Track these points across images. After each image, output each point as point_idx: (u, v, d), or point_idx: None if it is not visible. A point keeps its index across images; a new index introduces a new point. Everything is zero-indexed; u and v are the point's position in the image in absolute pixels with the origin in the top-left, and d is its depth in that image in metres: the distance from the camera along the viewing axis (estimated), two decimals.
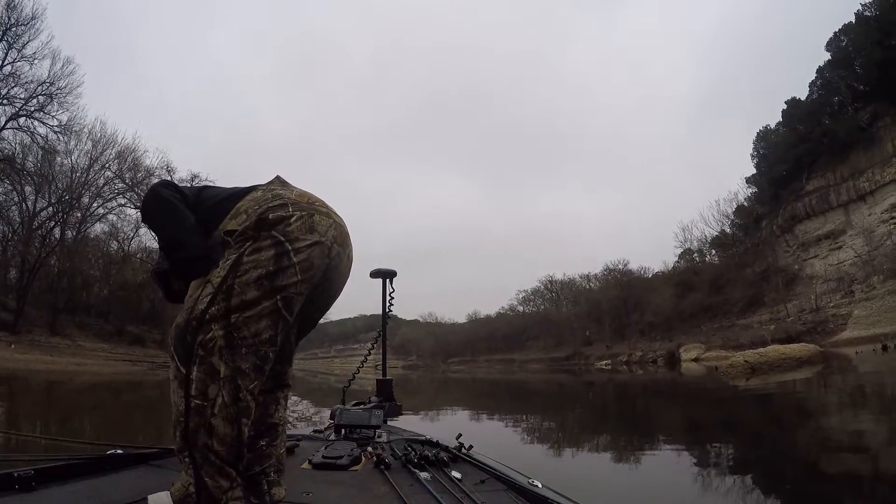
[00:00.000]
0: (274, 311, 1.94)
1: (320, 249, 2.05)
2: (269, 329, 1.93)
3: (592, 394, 19.23)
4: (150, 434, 8.80)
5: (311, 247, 2.02)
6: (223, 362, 1.85)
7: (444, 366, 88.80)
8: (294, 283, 1.98)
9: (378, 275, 4.34)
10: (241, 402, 1.87)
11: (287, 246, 1.98)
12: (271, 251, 1.96)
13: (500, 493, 2.35)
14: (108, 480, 2.36)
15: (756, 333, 43.98)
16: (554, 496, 2.28)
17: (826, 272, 51.97)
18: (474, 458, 2.89)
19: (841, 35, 54.89)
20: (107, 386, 19.95)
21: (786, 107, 62.54)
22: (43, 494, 2.10)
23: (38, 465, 2.34)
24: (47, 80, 37.24)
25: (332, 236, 2.10)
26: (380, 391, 4.18)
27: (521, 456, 5.99)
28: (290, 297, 1.98)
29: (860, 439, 6.78)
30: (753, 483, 4.89)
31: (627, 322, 70.55)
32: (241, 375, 1.87)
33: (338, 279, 2.23)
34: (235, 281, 1.91)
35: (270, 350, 1.95)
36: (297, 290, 2.00)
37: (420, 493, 2.29)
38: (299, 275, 1.98)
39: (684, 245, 72.26)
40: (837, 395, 12.40)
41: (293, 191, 2.21)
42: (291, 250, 1.98)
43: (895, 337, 31.02)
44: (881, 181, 48.71)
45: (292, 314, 2.02)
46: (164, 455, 2.77)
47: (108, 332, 43.79)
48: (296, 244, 1.99)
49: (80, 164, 42.46)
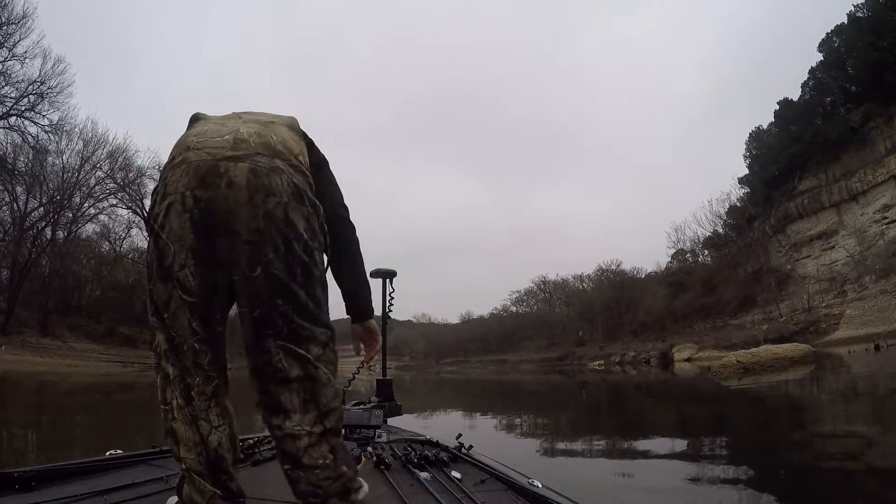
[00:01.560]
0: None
1: (175, 212, 1.70)
2: (183, 317, 1.75)
3: (586, 393, 19.27)
4: (145, 435, 8.77)
5: (167, 215, 1.70)
6: (170, 364, 1.77)
7: (437, 366, 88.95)
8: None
9: (378, 275, 4.32)
10: (194, 402, 1.78)
11: (154, 226, 1.74)
12: (150, 237, 1.78)
13: (500, 493, 2.34)
14: (107, 480, 2.35)
15: (749, 333, 44.21)
16: (554, 496, 2.26)
17: (818, 272, 52.25)
18: (474, 458, 2.88)
19: (833, 36, 55.35)
20: (98, 387, 19.86)
21: (778, 107, 62.96)
22: (43, 494, 2.09)
23: (39, 465, 2.32)
24: (38, 79, 37.16)
25: (183, 184, 1.70)
26: (379, 391, 4.16)
27: (517, 455, 5.98)
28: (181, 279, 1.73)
29: (852, 438, 6.81)
30: (746, 481, 4.91)
31: (620, 322, 70.88)
32: (188, 373, 1.77)
33: (221, 219, 1.68)
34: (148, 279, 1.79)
35: (195, 341, 1.76)
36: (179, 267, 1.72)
37: (420, 493, 2.28)
38: (173, 248, 1.70)
39: (677, 245, 72.75)
40: (830, 395, 12.44)
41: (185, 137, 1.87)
42: (157, 229, 1.73)
43: (888, 336, 31.18)
44: (873, 181, 49.06)
45: (191, 294, 1.72)
46: (163, 455, 2.76)
47: (100, 333, 43.65)
48: (158, 220, 1.72)
49: (72, 163, 42.54)
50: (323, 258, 1.86)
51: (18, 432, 7.99)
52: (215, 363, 1.81)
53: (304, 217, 1.76)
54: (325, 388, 1.76)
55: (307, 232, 1.76)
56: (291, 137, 1.88)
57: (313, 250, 1.78)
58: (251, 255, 1.69)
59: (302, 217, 1.75)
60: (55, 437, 7.83)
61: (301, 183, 1.79)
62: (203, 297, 1.74)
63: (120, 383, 22.44)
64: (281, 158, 1.77)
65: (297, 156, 1.83)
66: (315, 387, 1.74)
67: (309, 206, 1.78)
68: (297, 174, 1.79)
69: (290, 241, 1.72)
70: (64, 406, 13.23)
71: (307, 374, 1.73)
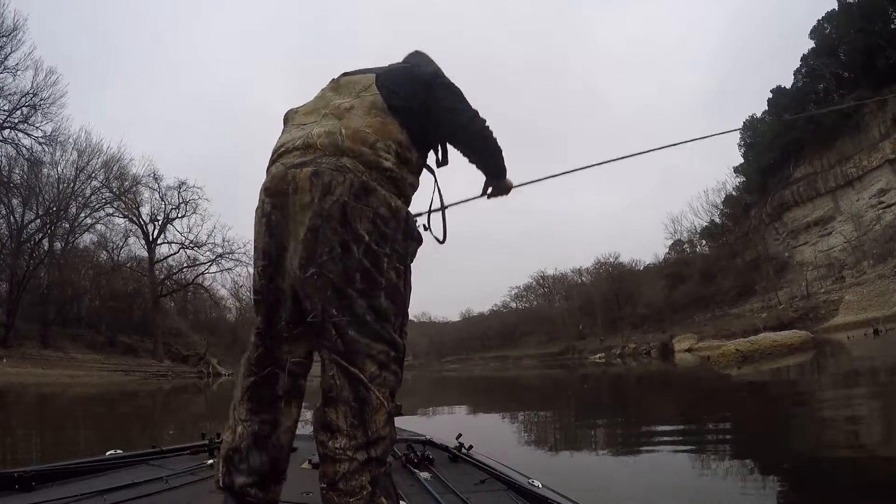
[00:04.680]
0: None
1: (256, 216, 1.85)
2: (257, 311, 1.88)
3: (587, 387, 19.26)
4: (145, 436, 8.78)
5: (255, 219, 1.86)
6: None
7: (439, 365, 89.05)
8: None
9: None
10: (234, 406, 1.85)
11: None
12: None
13: (500, 493, 2.36)
14: (107, 480, 2.36)
15: (748, 322, 44.27)
16: (554, 496, 2.28)
17: (816, 258, 52.40)
18: (474, 458, 2.90)
19: (824, 23, 55.33)
20: (101, 398, 19.83)
21: (771, 95, 62.94)
22: (43, 494, 2.11)
23: (39, 465, 2.34)
24: (31, 91, 36.85)
25: (263, 191, 1.82)
26: None
27: (518, 454, 6.01)
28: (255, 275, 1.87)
29: (850, 424, 6.81)
30: (746, 475, 4.92)
31: (620, 315, 71.01)
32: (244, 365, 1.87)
33: (285, 222, 1.74)
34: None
35: (255, 335, 1.85)
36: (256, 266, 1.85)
37: (420, 494, 2.30)
38: (255, 248, 1.86)
39: (674, 236, 72.73)
40: (829, 381, 12.47)
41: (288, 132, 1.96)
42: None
43: (887, 321, 31.25)
44: (868, 166, 49.17)
45: (257, 292, 1.84)
46: (163, 455, 2.77)
47: (100, 342, 43.47)
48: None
49: (67, 174, 42.16)
50: (397, 267, 1.76)
51: (21, 445, 7.99)
52: (260, 362, 1.82)
53: (370, 218, 1.69)
54: (375, 415, 1.65)
55: (371, 234, 1.68)
56: (368, 124, 1.82)
57: (379, 256, 1.69)
58: (305, 256, 1.67)
59: (366, 218, 1.68)
60: (60, 444, 7.84)
61: (372, 179, 1.74)
62: (266, 296, 1.81)
63: (123, 392, 22.41)
64: (349, 155, 1.74)
65: (373, 144, 1.78)
66: (364, 411, 1.64)
67: (381, 205, 1.72)
68: (368, 170, 1.75)
69: (347, 242, 1.66)
70: (67, 416, 13.21)
71: (358, 397, 1.64)
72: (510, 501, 2.25)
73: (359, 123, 1.82)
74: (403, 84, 1.94)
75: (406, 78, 1.98)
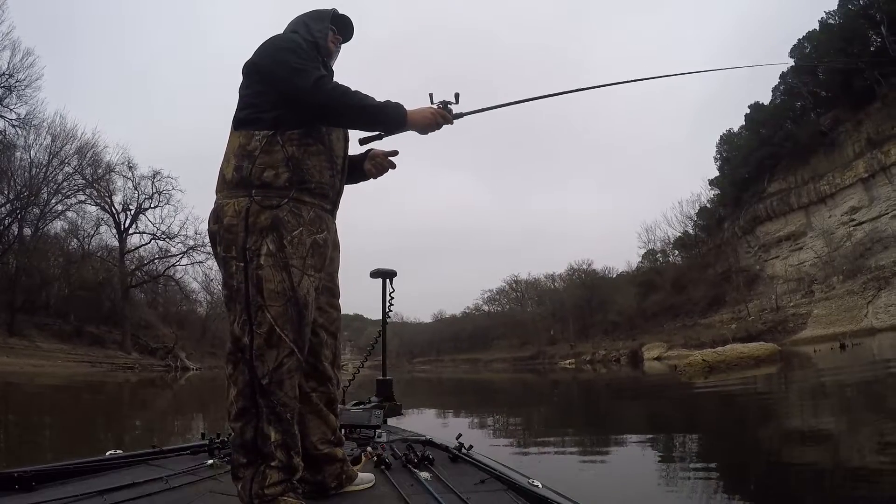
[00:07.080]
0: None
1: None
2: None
3: (557, 391, 19.42)
4: (145, 436, 8.68)
5: None
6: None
7: (409, 365, 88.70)
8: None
9: (378, 275, 4.33)
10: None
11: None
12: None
13: (500, 493, 2.36)
14: (107, 480, 2.34)
15: (717, 332, 44.75)
16: (554, 496, 2.28)
17: (786, 272, 53.16)
18: (474, 458, 2.90)
19: (805, 42, 56.17)
20: (66, 388, 19.50)
21: (749, 111, 63.89)
22: (43, 494, 2.09)
23: (38, 465, 2.31)
24: (6, 71, 36.36)
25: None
26: (379, 391, 4.18)
27: (502, 453, 6.03)
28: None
29: (797, 432, 6.98)
30: (716, 476, 5.02)
31: (591, 322, 71.28)
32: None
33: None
34: None
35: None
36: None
37: (420, 493, 2.29)
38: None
39: (647, 246, 73.42)
40: (794, 393, 12.69)
41: None
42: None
43: (854, 336, 31.83)
44: (841, 184, 50.07)
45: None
46: (163, 455, 2.75)
47: (68, 332, 42.67)
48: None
49: (40, 159, 41.48)
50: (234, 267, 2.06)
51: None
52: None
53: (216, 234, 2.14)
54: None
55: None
56: (230, 151, 2.13)
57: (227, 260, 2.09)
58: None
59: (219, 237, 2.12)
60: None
61: (218, 209, 2.13)
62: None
63: (88, 383, 22.06)
64: (217, 190, 2.16)
65: (227, 174, 2.11)
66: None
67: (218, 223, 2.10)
68: (220, 199, 2.14)
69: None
70: (30, 409, 12.99)
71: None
72: (510, 501, 2.24)
73: (227, 151, 2.22)
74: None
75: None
